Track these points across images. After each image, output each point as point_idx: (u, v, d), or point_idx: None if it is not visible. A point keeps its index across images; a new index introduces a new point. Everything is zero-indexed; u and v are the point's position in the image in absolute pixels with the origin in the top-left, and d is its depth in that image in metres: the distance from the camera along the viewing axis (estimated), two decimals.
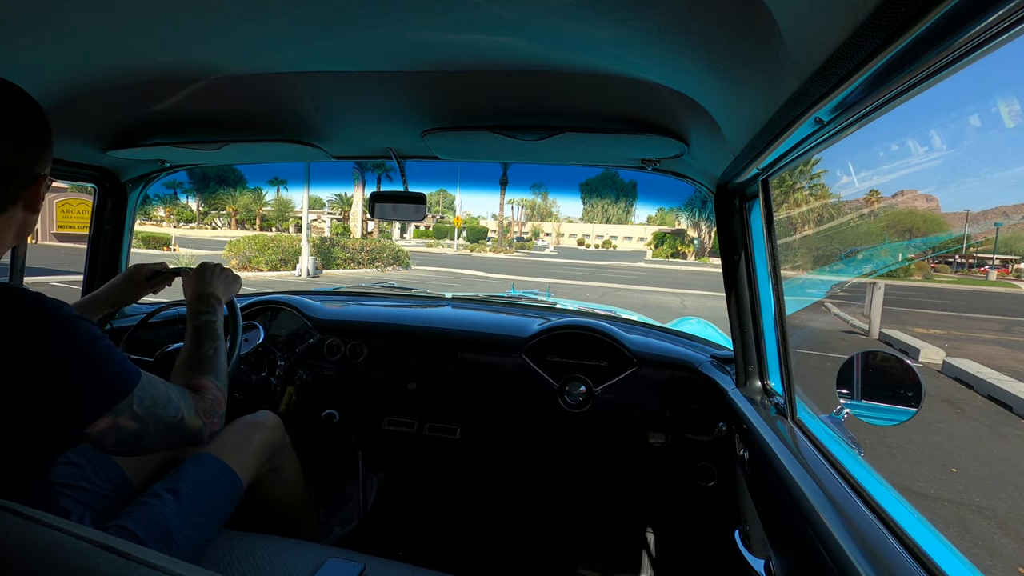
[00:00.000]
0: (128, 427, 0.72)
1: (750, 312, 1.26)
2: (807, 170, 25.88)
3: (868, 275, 17.10)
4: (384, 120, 1.23)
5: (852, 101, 0.57)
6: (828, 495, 0.77)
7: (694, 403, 1.56)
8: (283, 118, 1.23)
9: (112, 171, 1.67)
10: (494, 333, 1.79)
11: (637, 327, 1.87)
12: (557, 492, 1.83)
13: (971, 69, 0.45)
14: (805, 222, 24.17)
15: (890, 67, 0.47)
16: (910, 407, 0.96)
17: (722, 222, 1.27)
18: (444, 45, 0.81)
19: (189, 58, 0.89)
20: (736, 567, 1.10)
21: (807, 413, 1.08)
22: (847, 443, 0.96)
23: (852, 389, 1.03)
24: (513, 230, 49.07)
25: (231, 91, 1.04)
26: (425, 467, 1.91)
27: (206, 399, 0.88)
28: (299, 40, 0.82)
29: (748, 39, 0.61)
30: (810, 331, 8.51)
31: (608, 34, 0.72)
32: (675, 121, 1.03)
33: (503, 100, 1.04)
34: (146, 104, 1.14)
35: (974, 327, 9.68)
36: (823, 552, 0.68)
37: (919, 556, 0.61)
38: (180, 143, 1.34)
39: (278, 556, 1.04)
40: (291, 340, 1.89)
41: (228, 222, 39.34)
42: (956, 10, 0.37)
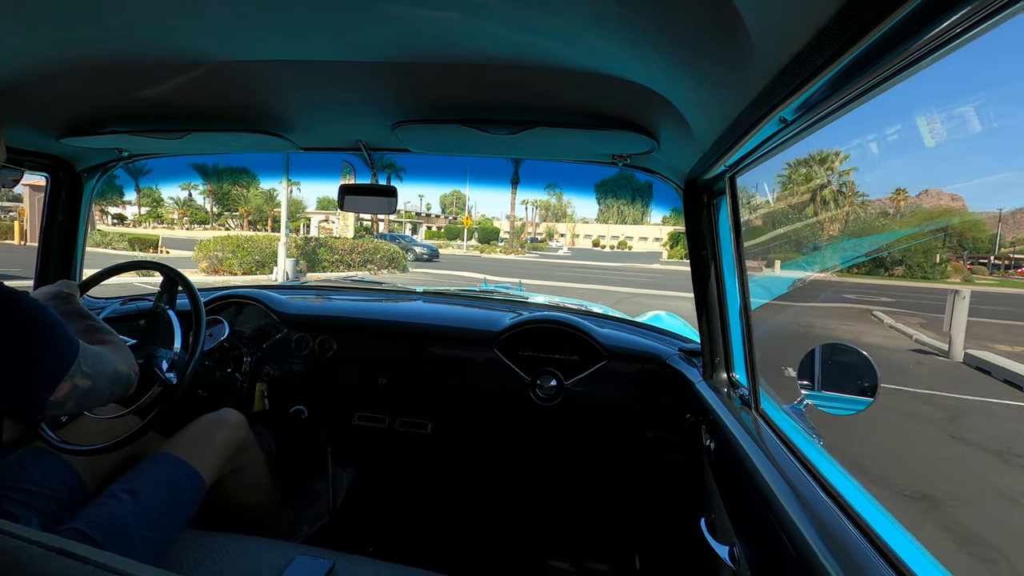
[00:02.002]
0: (84, 385, 0.80)
1: (717, 306, 1.29)
2: (836, 166, 25.39)
3: (898, 275, 16.61)
4: (353, 111, 1.21)
5: (815, 101, 0.59)
6: (789, 482, 0.79)
7: (663, 395, 1.59)
8: (248, 107, 1.20)
9: (66, 160, 1.60)
10: (466, 327, 1.78)
11: (607, 321, 1.89)
12: (528, 485, 1.84)
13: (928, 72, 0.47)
14: (830, 220, 24.03)
15: (851, 69, 0.49)
16: (867, 397, 1.01)
17: (690, 218, 1.29)
18: (415, 36, 0.80)
19: (150, 43, 0.86)
20: (702, 554, 1.13)
21: (770, 404, 1.12)
22: (808, 432, 1.00)
23: (813, 380, 1.07)
24: (527, 231, 48.40)
25: (194, 78, 1.01)
26: (396, 462, 1.90)
27: (117, 350, 0.95)
28: (265, 27, 0.79)
29: (717, 38, 0.62)
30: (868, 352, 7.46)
31: (580, 29, 0.72)
32: (646, 117, 1.04)
33: (475, 93, 1.03)
34: (103, 90, 1.09)
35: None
36: (784, 537, 0.70)
37: (873, 538, 0.64)
38: (139, 131, 1.29)
39: (244, 556, 1.02)
40: (257, 335, 1.85)
41: (241, 223, 38.44)
42: (914, 14, 0.38)
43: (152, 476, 1.06)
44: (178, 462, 1.11)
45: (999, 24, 0.37)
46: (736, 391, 1.27)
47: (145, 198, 39.70)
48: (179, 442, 1.18)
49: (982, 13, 0.36)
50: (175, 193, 42.66)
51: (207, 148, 1.54)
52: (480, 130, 1.14)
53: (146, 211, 39.92)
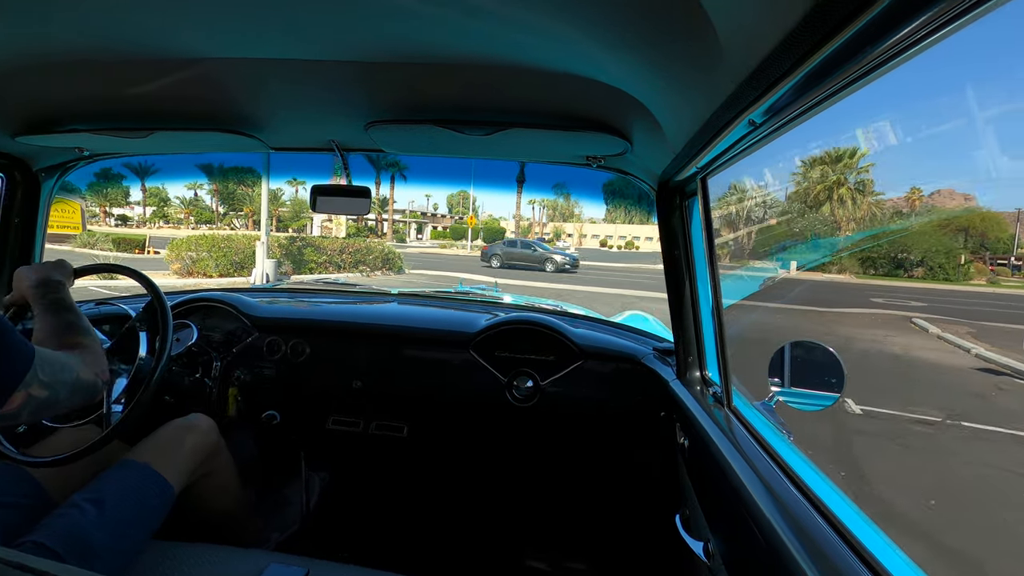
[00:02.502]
0: (41, 395, 0.76)
1: (690, 305, 1.31)
2: (853, 163, 24.59)
3: (918, 277, 15.83)
4: (326, 111, 1.19)
5: (782, 104, 0.60)
6: (761, 478, 0.81)
7: (637, 394, 1.61)
8: (217, 106, 1.17)
9: (22, 159, 1.54)
10: (441, 329, 1.78)
11: (583, 321, 1.91)
12: (505, 486, 1.84)
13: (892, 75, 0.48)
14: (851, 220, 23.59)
15: (818, 72, 0.50)
16: (834, 392, 1.04)
17: (663, 219, 1.31)
18: (389, 36, 0.79)
19: (113, 38, 0.83)
20: (677, 550, 1.14)
21: (742, 401, 1.14)
22: (778, 428, 1.02)
23: (783, 377, 1.09)
24: (534, 231, 47.76)
25: (160, 75, 0.98)
26: (371, 466, 1.88)
27: (87, 354, 0.91)
28: (235, 24, 0.77)
29: (688, 42, 0.63)
30: (916, 369, 5.38)
31: (554, 31, 0.72)
32: (619, 119, 1.05)
33: (449, 94, 1.03)
34: (62, 86, 1.05)
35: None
36: (756, 531, 0.72)
37: (841, 531, 0.66)
38: (101, 130, 1.25)
39: (214, 565, 0.99)
40: (227, 339, 1.81)
41: (246, 223, 37.25)
42: (879, 18, 0.39)
43: (117, 484, 1.02)
44: (145, 469, 1.08)
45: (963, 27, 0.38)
46: (709, 389, 1.29)
47: (152, 198, 38.88)
48: (146, 449, 1.15)
49: (947, 16, 0.37)
50: (181, 192, 41.87)
51: (174, 148, 1.50)
52: (454, 131, 1.13)
53: (152, 211, 39.04)
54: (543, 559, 1.69)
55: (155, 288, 1.33)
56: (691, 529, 1.11)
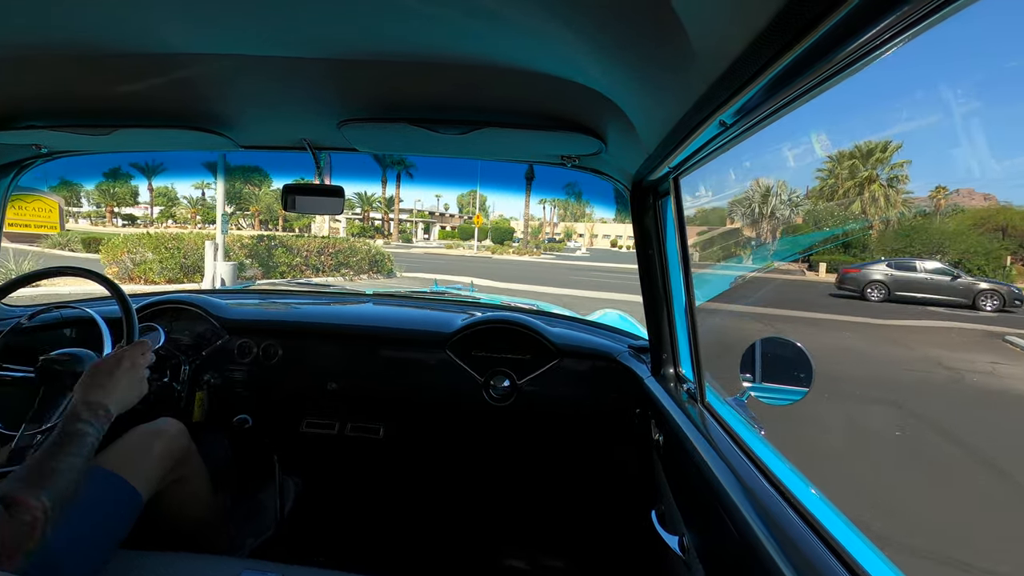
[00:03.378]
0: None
1: (663, 303, 1.33)
2: (886, 158, 23.81)
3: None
4: (297, 109, 1.17)
5: (752, 105, 0.61)
6: (734, 472, 0.83)
7: (613, 392, 1.62)
8: (183, 103, 1.14)
9: None
10: (417, 329, 1.76)
11: (559, 320, 1.91)
12: (483, 485, 1.84)
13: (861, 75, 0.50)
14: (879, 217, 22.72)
15: (787, 73, 0.51)
16: (803, 387, 1.06)
17: (637, 218, 1.32)
18: (361, 33, 0.78)
19: (72, 31, 0.80)
20: (653, 545, 1.16)
21: (715, 397, 1.16)
22: (750, 423, 1.04)
23: (754, 373, 1.12)
24: (545, 231, 47.09)
25: (123, 70, 0.95)
26: (347, 469, 1.86)
27: (15, 522, 0.71)
28: (203, 18, 0.75)
29: (660, 44, 0.64)
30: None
31: (528, 31, 0.72)
32: (593, 119, 1.06)
33: (423, 92, 1.02)
34: (18, 81, 1.00)
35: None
36: (729, 524, 0.73)
37: (812, 522, 0.67)
38: (60, 127, 1.20)
39: (185, 574, 0.97)
40: (196, 342, 1.76)
41: (252, 223, 36.35)
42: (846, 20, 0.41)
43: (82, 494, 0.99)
44: (111, 476, 1.04)
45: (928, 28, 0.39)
46: (683, 385, 1.31)
47: (160, 197, 37.80)
48: (112, 455, 1.10)
49: (912, 18, 0.38)
50: (190, 192, 40.75)
51: (138, 145, 1.46)
52: (429, 130, 1.13)
53: (160, 210, 37.94)
54: (521, 557, 1.70)
55: (119, 290, 1.29)
56: (666, 524, 1.12)
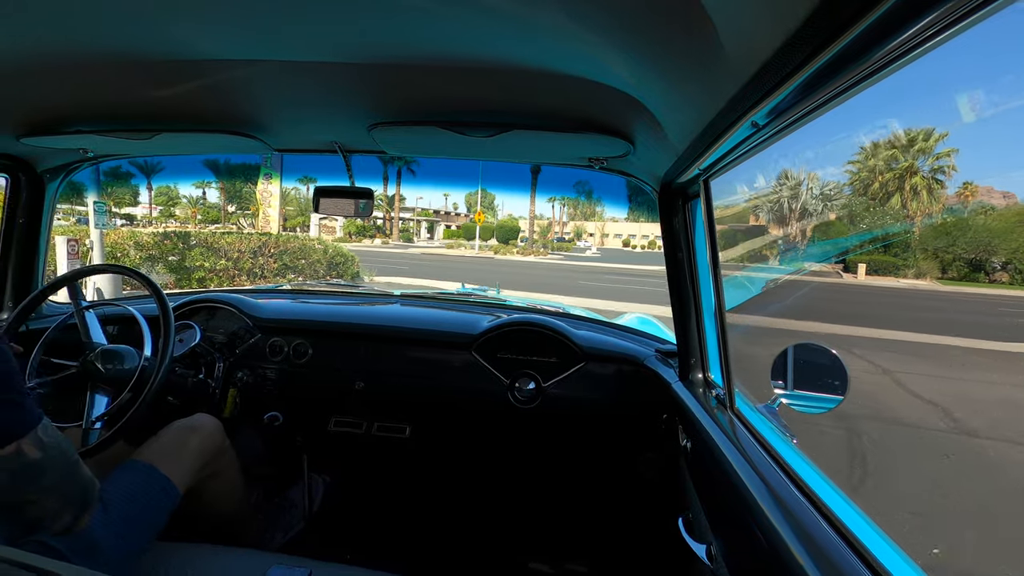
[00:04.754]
0: (30, 455, 0.72)
1: (692, 307, 1.31)
2: (929, 147, 21.99)
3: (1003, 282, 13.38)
4: (329, 113, 1.20)
5: (785, 107, 0.60)
6: (764, 480, 0.81)
7: (640, 396, 1.61)
8: (220, 108, 1.17)
9: (26, 160, 1.54)
10: (443, 330, 1.77)
11: (584, 323, 1.90)
12: (507, 488, 1.84)
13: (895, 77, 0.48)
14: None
15: (821, 74, 0.50)
16: (837, 395, 1.03)
17: (665, 221, 1.31)
18: (392, 38, 0.80)
19: (118, 40, 0.83)
20: (680, 553, 1.14)
21: (745, 404, 1.14)
22: (781, 431, 1.01)
23: (786, 380, 1.09)
24: (554, 229, 46.56)
25: (164, 77, 0.98)
26: (373, 467, 1.88)
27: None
28: (239, 26, 0.78)
29: (690, 45, 0.63)
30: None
31: (556, 33, 0.72)
32: (621, 121, 1.05)
33: (452, 96, 1.03)
34: (67, 88, 1.05)
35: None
36: (759, 535, 0.71)
37: (846, 535, 0.65)
38: (105, 131, 1.25)
39: (217, 567, 1.00)
40: (230, 340, 1.81)
41: (252, 222, 36.76)
42: (882, 20, 0.39)
43: (123, 485, 1.02)
44: (151, 470, 1.08)
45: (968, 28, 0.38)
46: (712, 391, 1.29)
47: (161, 197, 38.25)
48: (151, 449, 1.14)
49: (951, 17, 0.37)
50: (191, 192, 41.08)
51: (178, 149, 1.50)
52: (457, 132, 1.14)
53: (160, 210, 38.24)
54: (545, 561, 1.69)
55: (157, 289, 1.34)
56: (694, 532, 1.10)
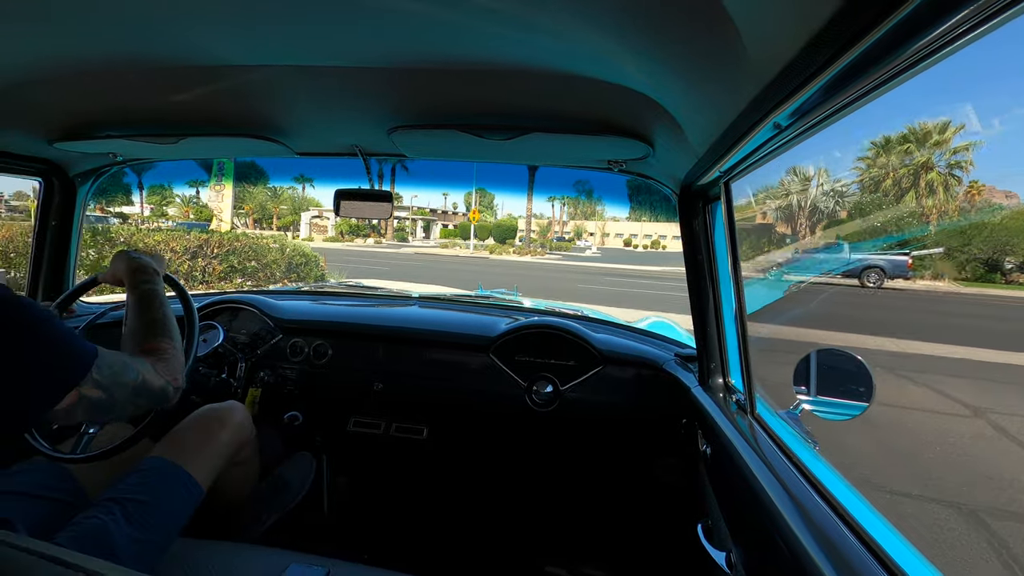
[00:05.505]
0: (94, 396, 0.75)
1: (712, 311, 1.29)
2: (946, 140, 20.95)
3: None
4: (349, 116, 1.21)
5: (808, 107, 0.59)
6: (785, 488, 0.79)
7: (658, 400, 1.59)
8: (243, 112, 1.20)
9: (59, 164, 1.59)
10: (461, 332, 1.78)
11: (603, 326, 1.89)
12: (524, 491, 1.84)
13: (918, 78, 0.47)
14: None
15: (845, 75, 0.49)
16: (862, 402, 1.01)
17: (685, 224, 1.29)
18: (411, 41, 0.80)
19: (146, 48, 0.85)
20: (699, 561, 1.12)
21: (766, 409, 1.12)
22: (803, 437, 1.00)
23: (809, 385, 1.07)
24: (554, 229, 46.21)
25: (189, 83, 1.01)
26: (391, 468, 1.89)
27: (164, 359, 0.90)
28: (261, 31, 0.79)
29: (711, 46, 0.62)
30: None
31: (575, 36, 0.72)
32: (641, 124, 1.04)
33: (470, 99, 1.03)
34: (97, 94, 1.08)
35: None
36: (780, 542, 0.70)
37: (870, 544, 0.64)
38: (134, 136, 1.29)
39: (236, 564, 1.01)
40: (252, 341, 1.84)
41: (246, 221, 36.66)
42: (907, 20, 0.39)
43: (147, 486, 1.02)
44: (175, 470, 1.08)
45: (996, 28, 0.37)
46: (732, 396, 1.27)
47: (155, 196, 37.95)
48: (180, 444, 1.14)
49: (978, 17, 0.36)
50: (184, 191, 40.86)
51: (203, 153, 1.54)
52: (476, 135, 1.14)
53: (152, 209, 38.27)
54: (562, 565, 1.68)
55: (182, 289, 1.36)
56: (713, 539, 1.09)
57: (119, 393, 0.79)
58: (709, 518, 1.17)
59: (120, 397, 0.79)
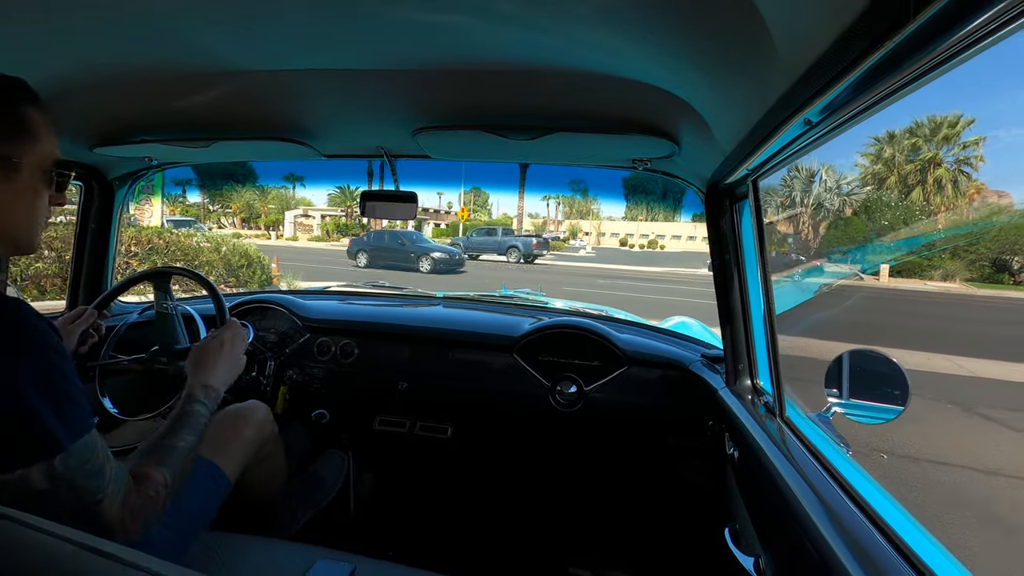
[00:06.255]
0: (35, 484, 0.61)
1: (740, 311, 1.27)
2: (956, 135, 20.76)
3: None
4: (375, 118, 1.23)
5: (840, 103, 0.58)
6: (816, 493, 0.77)
7: (684, 402, 1.57)
8: (273, 116, 1.22)
9: (98, 169, 1.65)
10: (485, 332, 1.79)
11: (628, 326, 1.88)
12: (548, 491, 1.83)
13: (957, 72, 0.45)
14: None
15: (877, 70, 0.48)
16: (897, 405, 0.98)
17: (712, 222, 1.28)
18: (434, 44, 0.81)
19: (181, 55, 0.88)
20: (726, 565, 1.11)
21: (796, 412, 1.09)
22: (835, 441, 0.97)
23: (840, 388, 1.04)
24: (548, 228, 45.12)
25: (221, 88, 1.03)
26: (416, 466, 1.91)
27: (143, 494, 0.76)
28: (290, 37, 0.81)
29: (738, 42, 0.61)
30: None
31: (600, 35, 0.72)
32: (666, 122, 1.03)
33: (494, 99, 1.04)
34: (135, 101, 1.12)
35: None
36: (811, 549, 0.68)
37: (906, 552, 0.62)
38: (169, 140, 1.33)
39: (265, 558, 1.03)
40: (281, 340, 1.88)
41: (233, 221, 36.35)
42: (941, 14, 0.37)
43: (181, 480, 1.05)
44: (206, 463, 1.11)
45: None
46: (760, 398, 1.25)
47: (142, 194, 39.04)
48: (207, 439, 1.17)
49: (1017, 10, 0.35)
50: (169, 189, 41.88)
51: (234, 156, 1.58)
52: (500, 135, 1.14)
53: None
54: (585, 566, 1.67)
55: (215, 290, 1.40)
56: (741, 543, 1.07)
57: (64, 495, 0.64)
58: (736, 522, 1.15)
59: (62, 500, 0.64)
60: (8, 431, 0.59)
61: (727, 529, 1.13)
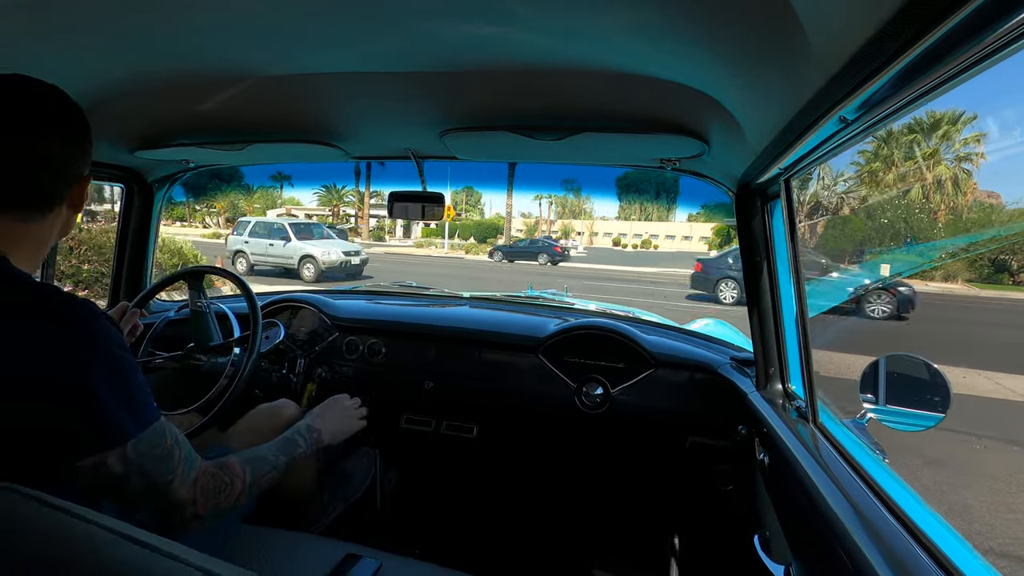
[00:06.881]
0: (112, 469, 0.64)
1: (771, 314, 1.24)
2: (956, 131, 20.70)
3: None
4: (403, 121, 1.24)
5: (877, 100, 0.56)
6: (851, 501, 0.75)
7: (713, 405, 1.54)
8: (304, 119, 1.25)
9: (139, 171, 1.71)
10: (511, 333, 1.79)
11: (655, 328, 1.86)
12: (574, 493, 1.82)
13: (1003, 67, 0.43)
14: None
15: (916, 65, 0.46)
16: (936, 412, 0.94)
17: (743, 223, 1.25)
18: (462, 46, 0.82)
19: (218, 61, 0.91)
20: (755, 573, 1.08)
21: (829, 417, 1.06)
22: (871, 448, 0.94)
23: (876, 394, 1.01)
24: (541, 228, 44.98)
25: (256, 93, 1.06)
26: (442, 465, 1.92)
27: (218, 479, 0.79)
28: (321, 42, 0.83)
29: (771, 38, 0.60)
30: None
31: (627, 32, 0.71)
32: (695, 121, 1.02)
33: (521, 100, 1.04)
34: (174, 106, 1.16)
35: None
36: (845, 559, 0.66)
37: (946, 566, 0.60)
38: (205, 143, 1.37)
39: (294, 552, 1.05)
40: (311, 338, 1.91)
41: (218, 220, 35.51)
42: (985, 7, 0.36)
43: None
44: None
45: None
46: (792, 403, 1.22)
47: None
48: (241, 434, 1.22)
49: None
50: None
51: (266, 158, 1.61)
52: (526, 136, 1.14)
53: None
54: (610, 570, 1.66)
55: (248, 290, 1.44)
56: (771, 551, 1.05)
57: (136, 480, 0.67)
58: (767, 529, 1.13)
59: (135, 484, 0.67)
60: (83, 423, 0.63)
61: (756, 536, 1.11)
